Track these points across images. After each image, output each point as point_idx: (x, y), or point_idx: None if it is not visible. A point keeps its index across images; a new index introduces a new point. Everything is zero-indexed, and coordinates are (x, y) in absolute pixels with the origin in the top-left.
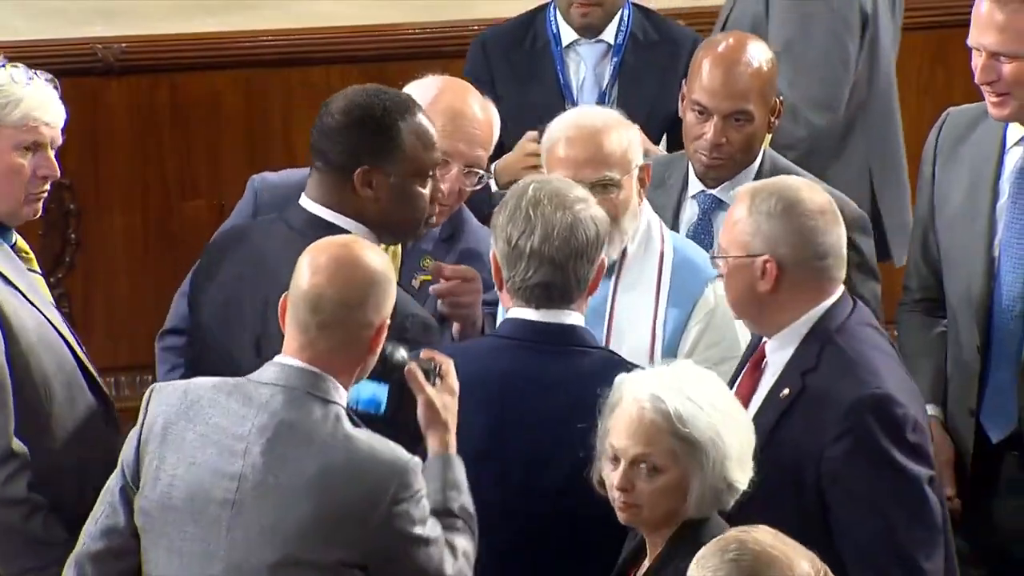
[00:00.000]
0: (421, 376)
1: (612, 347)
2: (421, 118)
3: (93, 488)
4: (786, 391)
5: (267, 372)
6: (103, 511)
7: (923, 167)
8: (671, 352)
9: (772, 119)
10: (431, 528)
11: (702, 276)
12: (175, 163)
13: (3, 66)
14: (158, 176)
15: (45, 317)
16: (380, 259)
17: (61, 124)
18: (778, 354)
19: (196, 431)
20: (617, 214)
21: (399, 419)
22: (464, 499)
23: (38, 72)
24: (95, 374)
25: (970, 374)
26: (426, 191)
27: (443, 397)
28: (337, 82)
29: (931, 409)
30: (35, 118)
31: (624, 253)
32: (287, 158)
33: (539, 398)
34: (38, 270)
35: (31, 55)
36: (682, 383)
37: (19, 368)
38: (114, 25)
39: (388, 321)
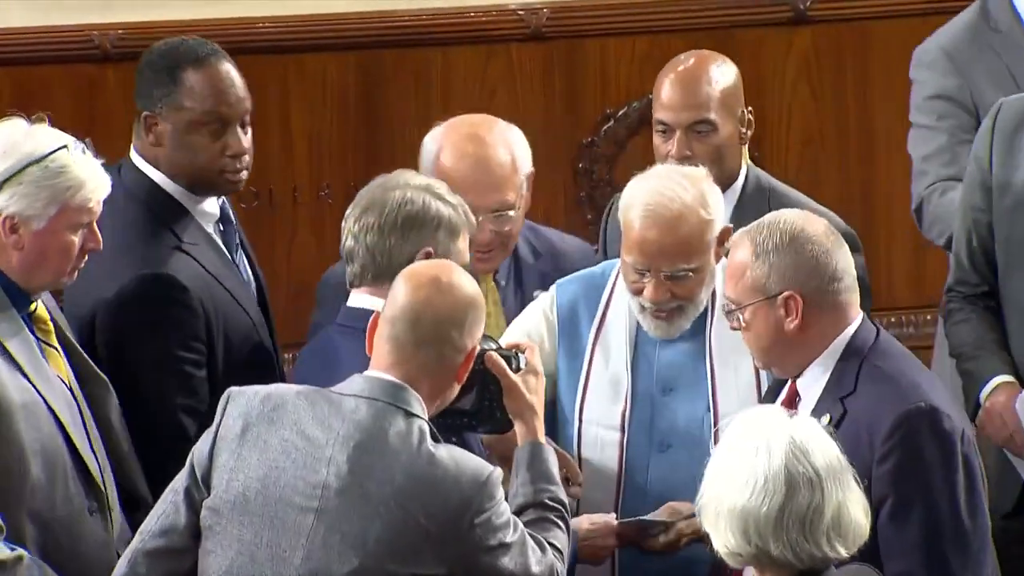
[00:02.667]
0: (503, 363)
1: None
2: (218, 67)
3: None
4: (827, 418)
5: (354, 384)
6: (163, 510)
7: (975, 157)
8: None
9: (743, 130)
10: (512, 533)
11: None
12: None
13: (65, 147)
14: None
15: (41, 396)
16: (475, 285)
17: (105, 196)
18: (812, 387)
19: (279, 436)
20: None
21: (483, 408)
22: (553, 489)
23: (83, 144)
24: (90, 462)
25: None
26: (216, 143)
27: (527, 381)
28: (333, 69)
29: (1003, 378)
30: (93, 199)
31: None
32: (284, 144)
33: None
34: (54, 344)
35: (29, 43)
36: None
37: None
38: (111, 12)
39: (477, 349)
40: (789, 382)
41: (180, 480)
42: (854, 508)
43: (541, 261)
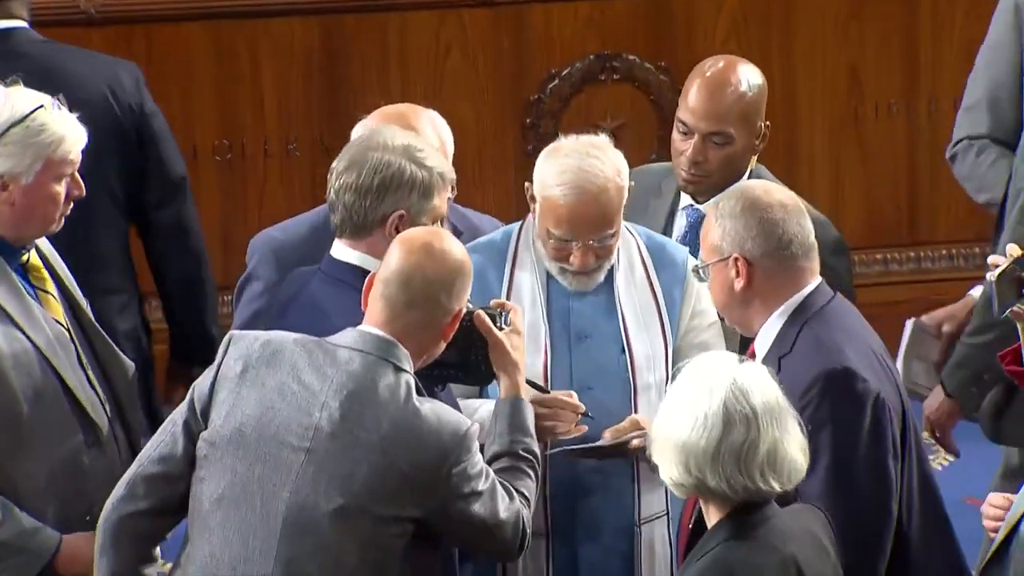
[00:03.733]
0: (489, 321)
1: (634, 348)
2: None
3: (64, 513)
4: None
5: (347, 336)
6: (162, 439)
7: (1006, 25)
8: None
9: (757, 143)
10: (484, 482)
11: (678, 250)
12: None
13: (42, 106)
14: None
15: (32, 343)
16: (464, 251)
17: (84, 146)
18: (762, 346)
19: (276, 379)
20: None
21: (470, 362)
22: (528, 441)
23: (56, 101)
24: (84, 400)
25: None
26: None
27: (512, 339)
28: (299, 33)
29: None
30: (73, 151)
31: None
32: (255, 102)
33: None
34: (50, 290)
35: None
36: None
37: None
38: None
39: (463, 311)
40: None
41: (179, 413)
42: (791, 447)
43: (462, 239)
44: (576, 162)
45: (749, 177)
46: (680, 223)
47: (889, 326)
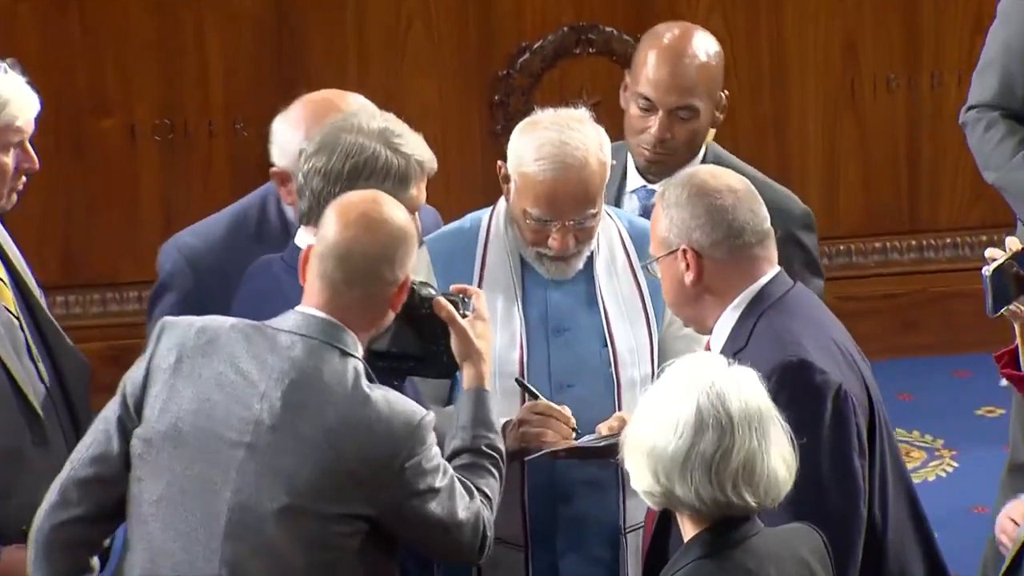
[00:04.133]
0: (451, 307)
1: (617, 340)
2: None
3: (2, 513)
4: None
5: (288, 320)
6: (94, 439)
7: None
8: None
9: (717, 114)
10: (441, 478)
11: None
12: (87, 83)
13: None
14: (71, 95)
15: None
16: (405, 216)
17: (36, 114)
18: (717, 342)
19: (213, 368)
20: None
21: (431, 352)
22: (492, 437)
23: (7, 64)
24: (29, 393)
25: None
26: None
27: (476, 326)
28: (249, 2)
29: None
30: (22, 117)
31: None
32: (199, 77)
33: None
34: (1, 277)
35: None
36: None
37: None
38: None
39: (411, 278)
40: None
41: (111, 409)
42: (771, 460)
43: None
44: (556, 135)
45: (705, 155)
46: (630, 206)
47: (888, 320)
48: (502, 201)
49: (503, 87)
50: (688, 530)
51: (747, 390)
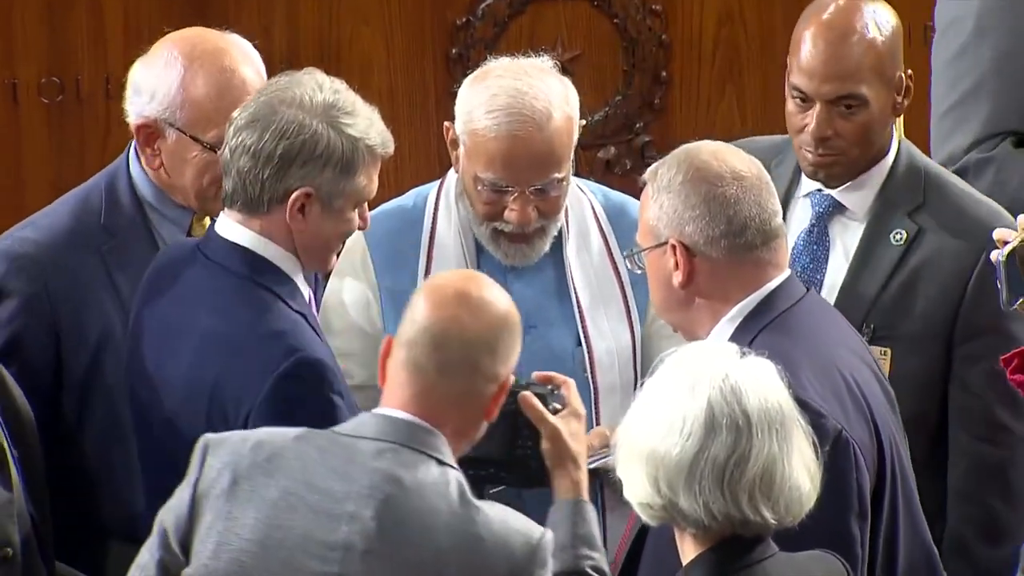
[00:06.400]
0: (538, 403)
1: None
2: None
3: None
4: None
5: (367, 424)
6: None
7: None
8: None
9: (898, 99)
10: None
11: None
12: None
13: None
14: None
15: None
16: (508, 300)
17: None
18: None
19: (280, 488)
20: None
21: (516, 457)
22: (596, 557)
23: None
24: None
25: None
26: None
27: (570, 424)
28: None
29: None
30: None
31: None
32: (95, 29)
33: None
34: None
35: None
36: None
37: None
38: None
39: (511, 380)
40: None
41: (147, 554)
42: (794, 468)
43: None
44: (512, 83)
45: (897, 155)
46: (801, 214)
47: None
48: (451, 174)
49: (462, 37)
50: (688, 550)
51: (767, 386)
